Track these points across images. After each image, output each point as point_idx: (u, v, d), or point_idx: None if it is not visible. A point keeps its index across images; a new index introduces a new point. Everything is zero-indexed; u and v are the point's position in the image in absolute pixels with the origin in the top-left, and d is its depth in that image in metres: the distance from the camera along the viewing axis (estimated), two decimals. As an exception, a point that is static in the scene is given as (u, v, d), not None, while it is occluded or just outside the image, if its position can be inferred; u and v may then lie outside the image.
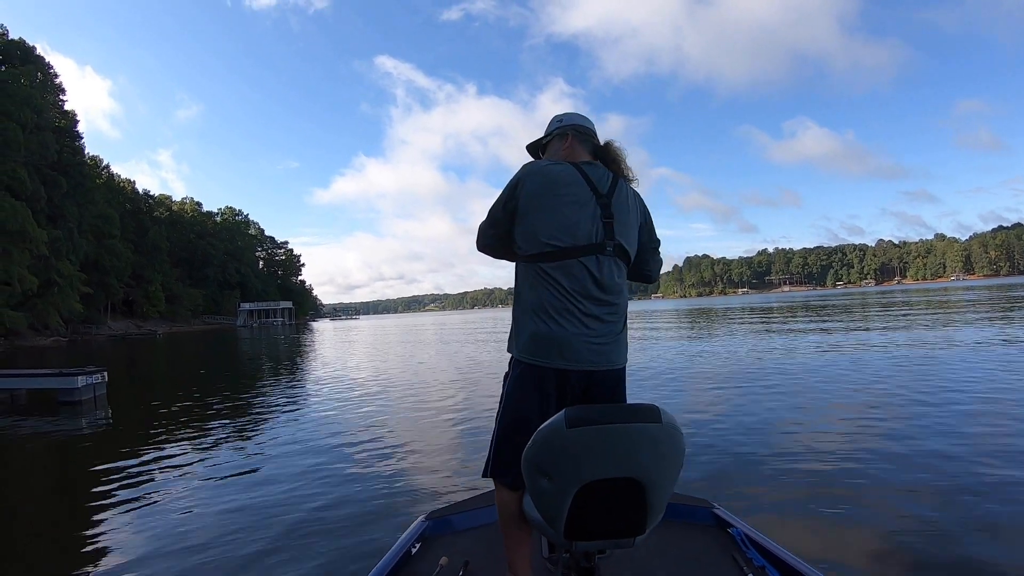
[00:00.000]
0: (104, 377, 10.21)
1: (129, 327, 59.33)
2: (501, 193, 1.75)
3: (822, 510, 3.47)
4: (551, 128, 1.91)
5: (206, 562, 3.13)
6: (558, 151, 1.86)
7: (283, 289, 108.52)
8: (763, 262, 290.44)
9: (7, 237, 38.12)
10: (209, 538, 3.45)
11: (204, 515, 3.89)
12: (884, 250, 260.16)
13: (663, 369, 10.54)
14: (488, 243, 1.84)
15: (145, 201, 77.04)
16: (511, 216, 1.71)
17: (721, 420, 6.02)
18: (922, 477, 3.90)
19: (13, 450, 6.64)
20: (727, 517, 2.28)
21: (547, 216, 1.62)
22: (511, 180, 1.72)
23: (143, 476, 5.06)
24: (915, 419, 5.55)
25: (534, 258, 1.64)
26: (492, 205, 1.79)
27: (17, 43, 46.20)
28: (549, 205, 1.63)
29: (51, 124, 47.19)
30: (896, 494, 3.63)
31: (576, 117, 1.91)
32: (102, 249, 55.46)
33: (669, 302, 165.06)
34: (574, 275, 1.60)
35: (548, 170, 1.68)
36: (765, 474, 4.21)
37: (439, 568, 1.97)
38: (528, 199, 1.66)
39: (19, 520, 4.24)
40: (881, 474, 4.02)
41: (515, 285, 1.75)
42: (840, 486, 3.84)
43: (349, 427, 6.78)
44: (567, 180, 1.65)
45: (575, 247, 1.61)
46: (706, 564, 2.01)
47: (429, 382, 10.89)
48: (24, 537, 3.88)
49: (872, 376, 8.38)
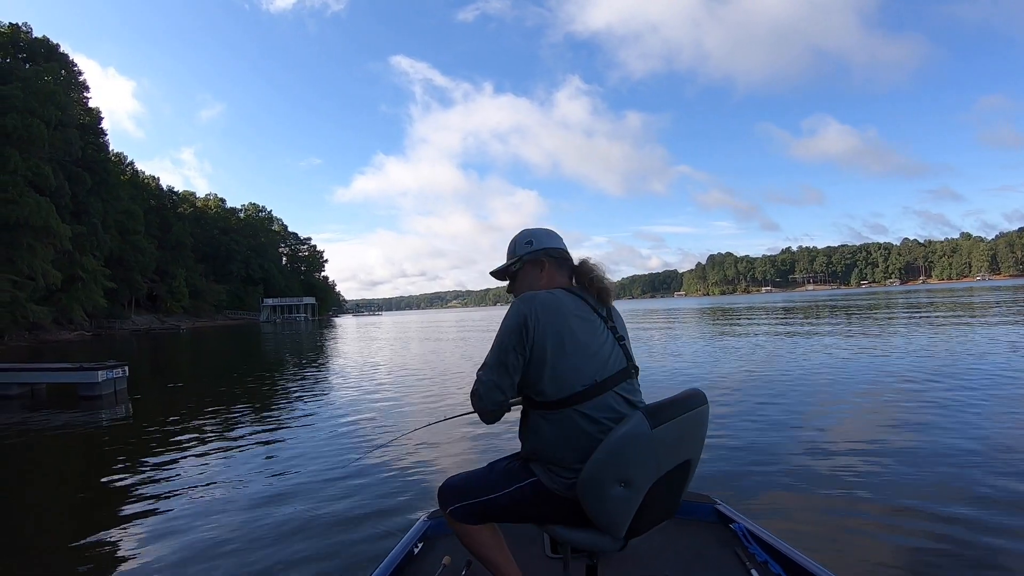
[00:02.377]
0: (125, 372, 10.22)
1: (153, 322, 60.07)
2: (502, 338, 1.57)
3: (825, 506, 3.49)
4: (521, 252, 1.76)
5: (216, 559, 3.15)
6: (535, 281, 1.73)
7: (306, 285, 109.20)
8: (787, 260, 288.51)
9: (31, 232, 38.52)
10: (220, 536, 3.47)
11: (215, 513, 3.89)
12: (909, 249, 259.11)
13: (670, 368, 10.41)
14: (498, 401, 1.61)
15: (169, 197, 78.10)
16: (526, 362, 1.54)
17: (725, 418, 5.96)
18: (930, 477, 3.85)
19: (32, 444, 6.67)
20: (730, 513, 2.28)
21: (574, 351, 1.53)
22: (511, 320, 1.55)
23: (159, 471, 5.08)
24: (927, 421, 5.42)
25: (565, 402, 1.52)
26: (491, 355, 1.59)
27: (41, 41, 46.78)
28: (571, 339, 1.53)
29: (75, 121, 47.66)
30: (901, 492, 3.60)
31: (546, 238, 1.78)
32: (126, 245, 56.10)
33: (692, 300, 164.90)
34: (611, 406, 1.52)
35: (556, 300, 1.58)
36: (768, 471, 4.21)
37: (442, 568, 1.99)
38: (545, 337, 1.52)
39: (37, 513, 4.27)
40: (887, 473, 3.99)
41: (530, 429, 1.61)
42: (844, 484, 3.82)
43: (362, 423, 6.83)
44: (576, 307, 1.59)
45: (610, 378, 1.54)
46: (709, 560, 2.01)
47: (441, 378, 10.85)
48: (41, 531, 3.91)
49: (885, 377, 8.15)
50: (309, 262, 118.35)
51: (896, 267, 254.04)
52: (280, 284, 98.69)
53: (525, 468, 1.62)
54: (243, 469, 5.08)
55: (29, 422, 7.99)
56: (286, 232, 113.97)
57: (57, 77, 46.22)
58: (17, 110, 38.85)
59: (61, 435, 7.10)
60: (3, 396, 10.15)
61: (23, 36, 45.89)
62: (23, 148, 39.21)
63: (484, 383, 1.60)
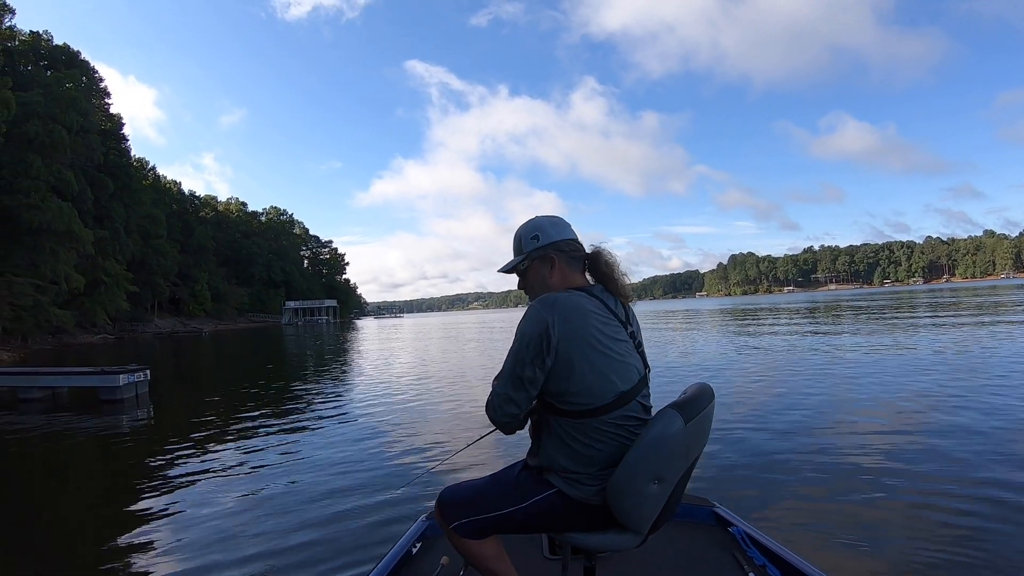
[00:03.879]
0: (146, 375, 10.19)
1: (175, 325, 60.63)
2: (519, 348, 1.47)
3: (824, 511, 3.49)
4: (527, 249, 1.63)
5: (223, 559, 3.20)
6: (546, 279, 1.61)
7: (327, 288, 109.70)
8: (809, 260, 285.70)
9: (54, 237, 38.85)
10: (233, 532, 3.57)
11: (229, 513, 3.96)
12: (932, 247, 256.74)
13: (676, 368, 10.46)
14: (514, 414, 1.53)
15: (191, 202, 78.95)
16: (547, 372, 1.46)
17: (727, 420, 5.93)
18: (935, 486, 3.80)
19: (52, 447, 6.69)
20: (728, 516, 2.27)
21: (600, 361, 1.46)
22: (530, 328, 1.45)
23: (177, 475, 5.07)
24: (939, 429, 5.26)
25: (592, 413, 1.46)
26: (507, 366, 1.50)
27: (62, 48, 47.40)
28: (597, 348, 1.46)
29: (97, 127, 48.16)
30: (904, 499, 3.59)
31: (554, 229, 1.62)
32: (149, 249, 56.60)
33: (713, 300, 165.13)
34: (634, 415, 1.50)
35: (580, 305, 1.48)
36: (768, 474, 4.22)
37: (440, 567, 1.98)
38: (569, 346, 1.44)
39: (58, 514, 4.31)
40: (891, 480, 3.96)
41: (550, 439, 1.53)
42: (845, 489, 3.80)
43: (374, 424, 6.91)
44: (599, 312, 1.50)
45: (634, 387, 1.51)
46: (707, 563, 2.01)
47: (457, 378, 10.92)
48: (63, 530, 3.93)
49: (896, 380, 7.96)
50: (330, 265, 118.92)
51: (919, 266, 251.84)
52: (302, 287, 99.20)
53: (540, 480, 1.54)
54: (261, 471, 5.09)
55: (49, 426, 7.96)
56: (307, 235, 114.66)
57: (78, 83, 46.71)
58: (39, 116, 39.23)
59: (81, 439, 7.05)
60: (24, 400, 10.15)
61: (44, 44, 46.52)
62: (45, 154, 39.58)
63: (498, 395, 1.51)
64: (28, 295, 34.43)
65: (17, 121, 37.02)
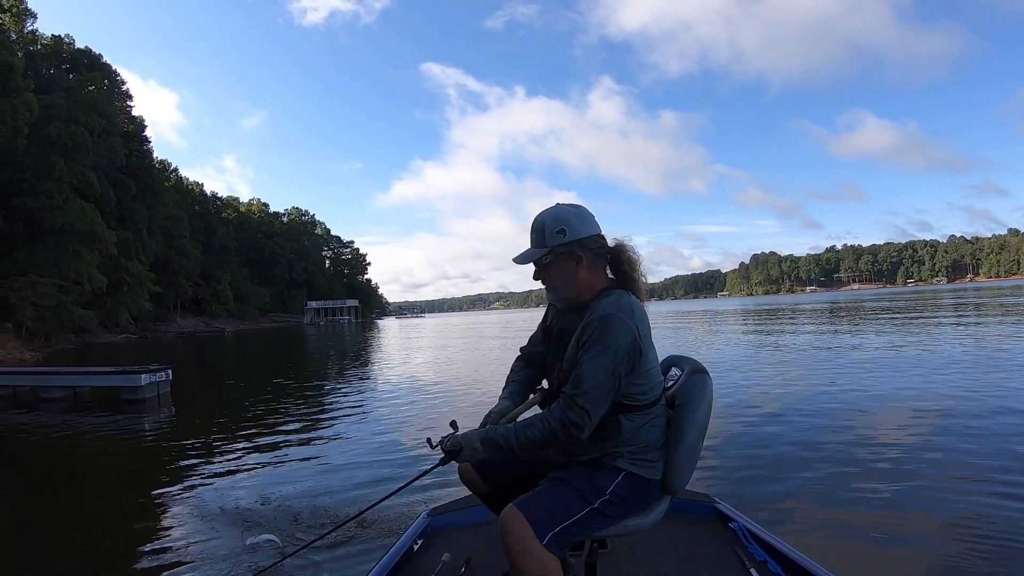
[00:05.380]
0: (168, 375, 10.14)
1: (198, 325, 61.16)
2: (613, 364, 1.47)
3: (824, 507, 3.51)
4: (551, 242, 1.58)
5: (239, 554, 3.21)
6: (569, 278, 1.60)
7: (349, 288, 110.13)
8: (831, 259, 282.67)
9: (77, 238, 39.30)
10: (251, 530, 3.54)
11: (245, 512, 3.93)
12: (956, 246, 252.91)
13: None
14: (600, 414, 1.53)
15: (213, 203, 79.78)
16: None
17: (731, 415, 5.99)
18: (931, 483, 3.81)
19: (74, 447, 6.72)
20: (729, 512, 2.28)
21: (654, 355, 1.60)
22: (623, 339, 1.48)
23: (196, 475, 5.05)
24: (941, 424, 5.35)
25: (656, 401, 1.60)
26: (603, 383, 1.47)
27: (84, 51, 48.03)
28: (652, 344, 1.59)
29: (119, 129, 48.68)
30: (906, 499, 3.57)
31: (580, 223, 1.59)
32: (171, 249, 57.19)
33: (734, 300, 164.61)
34: (664, 394, 1.66)
35: (640, 306, 1.58)
36: (769, 470, 4.26)
37: (441, 564, 1.97)
38: (646, 348, 1.55)
39: (79, 515, 4.27)
40: (891, 476, 3.98)
41: (617, 430, 1.57)
42: (845, 487, 3.81)
43: (394, 425, 6.87)
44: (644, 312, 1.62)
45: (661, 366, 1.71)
46: (708, 559, 2.01)
47: (472, 378, 10.96)
48: (85, 529, 3.94)
49: (909, 380, 7.87)
50: (352, 265, 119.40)
51: (943, 265, 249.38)
52: (323, 287, 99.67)
53: (602, 469, 1.58)
54: (279, 470, 5.09)
55: (70, 426, 7.95)
56: (329, 236, 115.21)
57: (100, 86, 47.26)
58: (61, 119, 39.72)
59: (100, 439, 7.05)
60: (45, 399, 10.15)
61: (66, 47, 47.21)
62: (68, 156, 40.03)
63: (592, 415, 1.47)
64: (51, 295, 34.77)
65: (40, 124, 37.52)
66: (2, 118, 32.79)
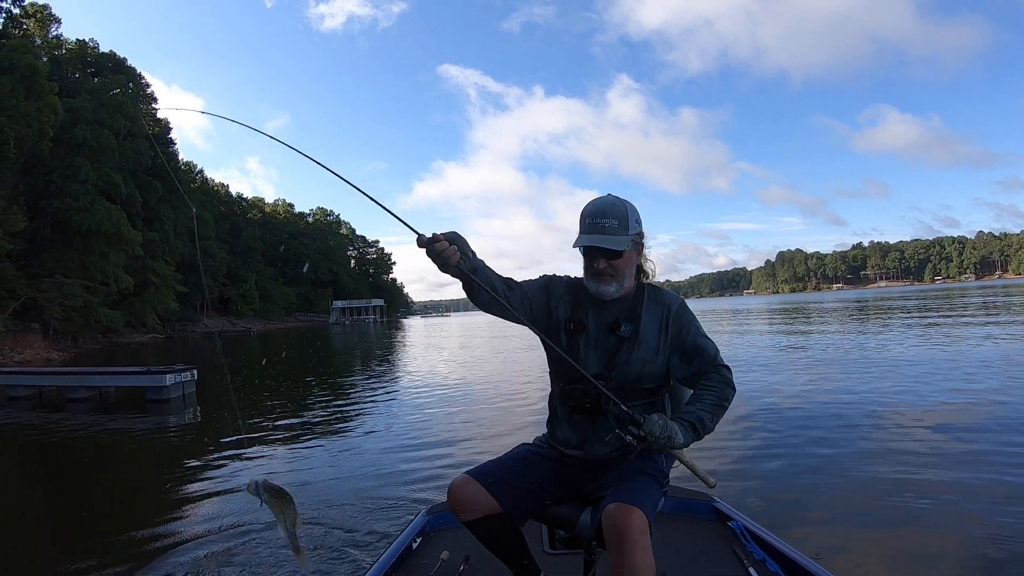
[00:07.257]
0: (194, 375, 10.10)
1: (224, 324, 61.60)
2: (703, 331, 1.69)
3: (824, 506, 3.52)
4: (633, 231, 1.60)
5: (259, 550, 3.26)
6: (632, 269, 1.64)
7: (374, 287, 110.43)
8: (858, 256, 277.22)
9: (103, 239, 39.69)
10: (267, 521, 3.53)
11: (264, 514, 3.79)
12: (984, 242, 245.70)
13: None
14: None
15: (239, 204, 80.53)
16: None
17: (733, 414, 5.62)
18: (933, 482, 3.80)
19: (98, 447, 6.77)
20: (728, 511, 2.29)
21: None
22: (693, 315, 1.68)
23: (219, 476, 5.00)
24: (948, 425, 5.29)
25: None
26: (709, 340, 1.66)
27: (108, 55, 48.54)
28: None
29: (144, 131, 49.10)
30: (905, 494, 3.57)
31: (629, 218, 1.61)
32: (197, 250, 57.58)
33: (760, 298, 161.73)
34: None
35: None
36: (769, 469, 4.27)
37: (440, 563, 1.98)
38: None
39: (102, 514, 4.32)
40: (893, 475, 3.97)
41: (671, 407, 1.74)
42: (846, 486, 3.83)
43: (419, 426, 6.83)
44: None
45: None
46: (707, 557, 2.02)
47: (491, 378, 10.98)
48: (106, 528, 3.95)
49: (925, 382, 7.69)
50: (377, 264, 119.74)
51: (971, 261, 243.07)
52: (349, 286, 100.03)
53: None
54: (302, 471, 5.05)
55: (95, 425, 7.99)
56: (354, 235, 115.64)
57: (125, 89, 47.72)
58: (87, 121, 40.11)
59: (125, 438, 7.11)
60: (71, 399, 10.16)
61: (90, 51, 47.76)
62: (93, 158, 40.47)
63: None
64: (78, 296, 35.00)
65: (65, 127, 37.88)
66: (27, 121, 33.04)
